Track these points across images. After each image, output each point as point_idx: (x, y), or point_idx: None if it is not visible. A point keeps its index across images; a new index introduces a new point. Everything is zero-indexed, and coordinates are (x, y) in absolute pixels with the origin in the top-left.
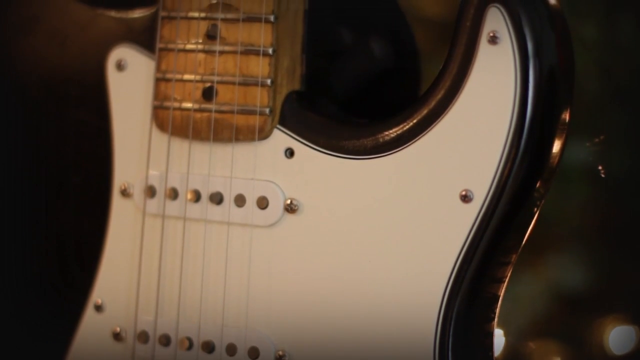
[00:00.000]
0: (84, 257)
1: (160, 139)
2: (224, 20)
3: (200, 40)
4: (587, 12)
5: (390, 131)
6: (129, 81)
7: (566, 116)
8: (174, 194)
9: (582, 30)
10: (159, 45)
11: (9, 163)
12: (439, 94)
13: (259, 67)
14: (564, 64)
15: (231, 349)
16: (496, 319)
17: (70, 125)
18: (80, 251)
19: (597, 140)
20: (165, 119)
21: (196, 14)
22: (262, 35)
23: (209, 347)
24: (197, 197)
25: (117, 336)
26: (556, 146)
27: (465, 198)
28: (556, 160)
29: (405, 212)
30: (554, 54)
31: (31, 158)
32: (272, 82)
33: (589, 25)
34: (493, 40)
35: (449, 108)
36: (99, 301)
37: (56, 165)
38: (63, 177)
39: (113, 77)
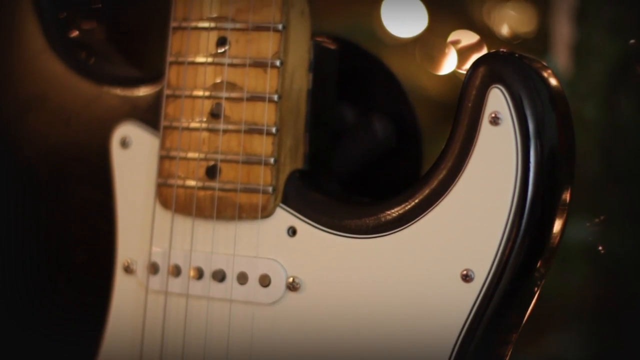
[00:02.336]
0: (87, 332)
1: (163, 216)
2: (228, 99)
3: (205, 119)
4: (588, 93)
5: (392, 211)
6: (133, 158)
7: (567, 196)
8: (176, 271)
9: (583, 111)
10: (163, 123)
11: (13, 238)
12: (441, 174)
13: (263, 146)
14: (565, 145)
15: None
16: None
17: (75, 201)
18: (83, 327)
19: (597, 220)
20: (169, 196)
21: (200, 93)
22: (265, 114)
23: None
24: (199, 274)
25: None
26: (557, 226)
27: (466, 277)
28: (557, 240)
29: (407, 290)
30: (555, 135)
31: (35, 234)
32: (275, 160)
33: (590, 106)
34: (495, 121)
35: (450, 188)
36: None
37: (60, 241)
38: (66, 253)
39: (117, 154)
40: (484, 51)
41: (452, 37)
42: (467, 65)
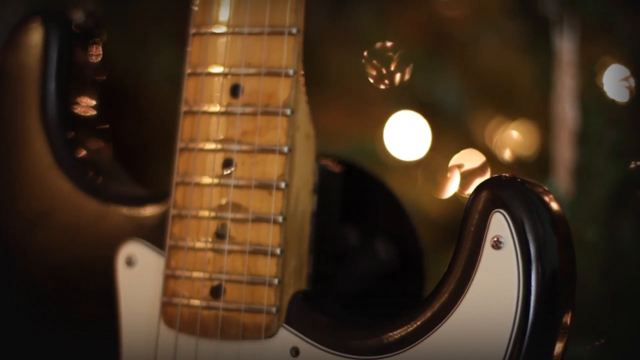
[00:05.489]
0: None
1: (167, 334)
2: (234, 220)
3: (210, 239)
4: (589, 216)
5: (395, 332)
6: (138, 277)
7: (567, 319)
8: None
9: (584, 235)
10: (169, 242)
11: (17, 353)
12: (443, 297)
13: (267, 266)
14: (566, 268)
15: None
16: None
17: (79, 317)
18: None
19: (598, 343)
20: (174, 315)
21: (206, 213)
22: (270, 236)
23: None
24: None
25: None
26: (558, 349)
27: None
28: None
29: None
30: (556, 259)
31: (38, 348)
32: (279, 281)
33: (591, 230)
34: (497, 245)
35: (452, 311)
36: None
37: (63, 357)
38: None
39: (122, 273)
40: (487, 174)
41: (455, 160)
42: (470, 189)
